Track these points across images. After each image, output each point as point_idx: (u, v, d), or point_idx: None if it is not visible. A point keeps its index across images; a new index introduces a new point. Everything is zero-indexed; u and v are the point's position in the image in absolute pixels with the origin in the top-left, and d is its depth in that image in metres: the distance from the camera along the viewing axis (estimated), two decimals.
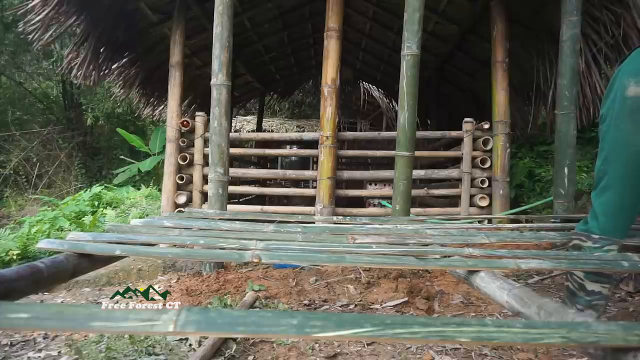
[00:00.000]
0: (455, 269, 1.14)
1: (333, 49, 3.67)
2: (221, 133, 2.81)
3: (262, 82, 7.70)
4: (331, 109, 3.71)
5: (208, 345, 1.59)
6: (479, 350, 1.62)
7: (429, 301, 2.13)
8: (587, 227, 1.44)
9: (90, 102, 9.67)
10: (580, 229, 1.46)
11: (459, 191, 3.94)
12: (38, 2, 3.64)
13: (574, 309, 1.32)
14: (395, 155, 2.76)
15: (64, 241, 1.15)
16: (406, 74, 2.65)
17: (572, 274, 1.48)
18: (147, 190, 6.56)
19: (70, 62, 4.30)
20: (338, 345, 1.70)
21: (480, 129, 3.90)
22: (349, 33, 6.02)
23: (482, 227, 2.55)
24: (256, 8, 5.19)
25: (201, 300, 2.29)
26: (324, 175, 3.75)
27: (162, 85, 5.06)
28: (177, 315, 0.54)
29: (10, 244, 3.40)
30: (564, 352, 1.57)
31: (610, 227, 1.40)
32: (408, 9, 2.62)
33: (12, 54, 9.49)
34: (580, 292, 1.45)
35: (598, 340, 0.53)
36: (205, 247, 1.25)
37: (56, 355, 1.74)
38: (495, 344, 1.46)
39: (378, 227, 1.85)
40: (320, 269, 2.75)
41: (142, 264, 3.10)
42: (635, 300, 2.16)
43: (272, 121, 10.31)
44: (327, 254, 1.16)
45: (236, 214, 2.55)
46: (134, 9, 4.23)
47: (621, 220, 1.42)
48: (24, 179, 8.71)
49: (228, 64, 2.79)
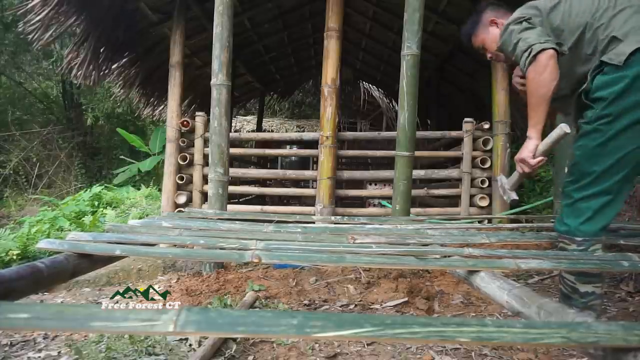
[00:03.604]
0: (455, 269, 1.15)
1: (333, 49, 3.67)
2: (221, 133, 2.81)
3: (262, 82, 7.70)
4: (331, 109, 3.71)
5: (208, 345, 1.59)
6: (479, 350, 1.62)
7: (429, 301, 2.13)
8: (569, 229, 1.39)
9: (90, 102, 9.67)
10: (562, 231, 1.42)
11: (459, 191, 3.94)
12: (38, 2, 3.63)
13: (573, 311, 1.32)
14: (395, 155, 2.76)
15: (64, 241, 1.15)
16: (406, 74, 2.65)
17: (564, 277, 1.47)
18: (147, 190, 6.56)
19: (70, 62, 4.30)
20: (338, 345, 1.70)
21: (480, 129, 3.91)
22: (349, 33, 6.02)
23: (482, 227, 2.55)
24: (256, 8, 5.19)
25: (201, 300, 2.29)
26: (324, 175, 3.75)
27: (162, 85, 5.06)
28: (177, 315, 0.54)
29: (10, 244, 3.40)
30: (564, 352, 1.57)
31: (598, 228, 1.38)
32: (408, 9, 2.63)
33: (12, 54, 9.49)
34: (575, 295, 1.44)
35: (598, 340, 0.53)
36: (205, 247, 1.25)
37: (56, 355, 1.74)
38: (495, 344, 1.46)
39: (378, 227, 1.84)
40: (320, 269, 2.75)
41: (142, 264, 3.10)
42: (635, 300, 2.16)
43: (272, 121, 10.31)
44: (327, 254, 1.16)
45: (236, 214, 2.55)
46: (134, 9, 4.23)
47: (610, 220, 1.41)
48: (24, 179, 8.71)
49: (228, 64, 2.79)
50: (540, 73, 1.34)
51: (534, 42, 1.35)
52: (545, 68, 1.33)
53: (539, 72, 1.34)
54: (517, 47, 1.40)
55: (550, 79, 1.34)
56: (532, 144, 1.43)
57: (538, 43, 1.34)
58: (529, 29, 1.40)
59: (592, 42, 1.39)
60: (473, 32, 1.72)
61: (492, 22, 1.66)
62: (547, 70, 1.33)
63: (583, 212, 1.38)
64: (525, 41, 1.38)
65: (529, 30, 1.40)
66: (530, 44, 1.35)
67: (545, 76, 1.34)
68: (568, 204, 1.42)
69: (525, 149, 1.45)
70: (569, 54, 1.41)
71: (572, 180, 1.41)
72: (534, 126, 1.42)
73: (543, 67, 1.33)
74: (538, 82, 1.35)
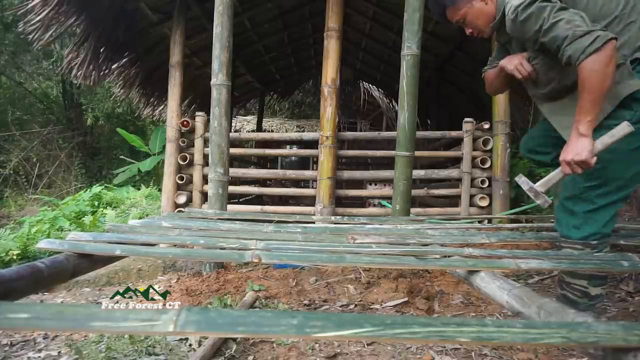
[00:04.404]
0: (455, 269, 1.15)
1: (333, 49, 3.67)
2: (221, 133, 2.81)
3: (262, 82, 7.69)
4: (331, 109, 3.71)
5: (208, 345, 1.59)
6: (479, 350, 1.62)
7: (429, 301, 2.13)
8: (586, 236, 1.36)
9: (90, 102, 9.67)
10: (579, 237, 1.37)
11: (459, 191, 3.94)
12: (38, 2, 3.63)
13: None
14: (395, 155, 2.76)
15: (64, 241, 1.15)
16: (406, 74, 2.65)
17: (570, 283, 1.44)
18: (147, 190, 6.56)
19: (70, 62, 4.29)
20: (338, 345, 1.70)
21: (480, 129, 3.91)
22: (349, 33, 6.01)
23: (482, 227, 2.55)
24: (256, 8, 5.19)
25: (201, 300, 2.29)
26: (324, 175, 3.75)
27: (162, 85, 5.06)
28: (177, 315, 0.54)
29: (10, 244, 3.40)
30: (564, 352, 1.57)
31: (611, 230, 1.39)
32: (408, 9, 2.62)
33: (12, 54, 9.48)
34: (584, 299, 1.42)
35: (598, 340, 0.53)
36: (205, 247, 1.25)
37: (56, 355, 1.74)
38: (496, 344, 1.46)
39: (378, 227, 1.85)
40: (320, 269, 2.75)
41: (142, 264, 3.10)
42: (635, 300, 2.16)
43: (272, 121, 10.31)
44: (327, 254, 1.16)
45: (236, 214, 2.55)
46: (134, 9, 4.23)
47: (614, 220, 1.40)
48: (24, 179, 8.70)
49: (228, 64, 2.79)
50: (607, 65, 1.21)
51: (591, 29, 1.22)
52: (611, 60, 1.22)
53: (606, 64, 1.21)
54: (557, 28, 1.26)
55: (613, 72, 1.23)
56: (590, 142, 1.26)
57: (597, 30, 1.21)
58: (564, 10, 1.27)
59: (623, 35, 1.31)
60: (451, 4, 1.54)
61: None
62: (612, 62, 1.22)
63: (604, 218, 1.35)
64: (573, 24, 1.24)
65: (565, 11, 1.26)
66: (588, 30, 1.21)
67: (611, 69, 1.22)
68: (589, 211, 1.36)
69: (584, 149, 1.25)
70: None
71: (595, 185, 1.34)
72: (590, 122, 1.26)
73: (609, 58, 1.21)
74: (605, 74, 1.21)
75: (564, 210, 1.44)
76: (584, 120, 1.26)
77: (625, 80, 1.28)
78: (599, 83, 1.22)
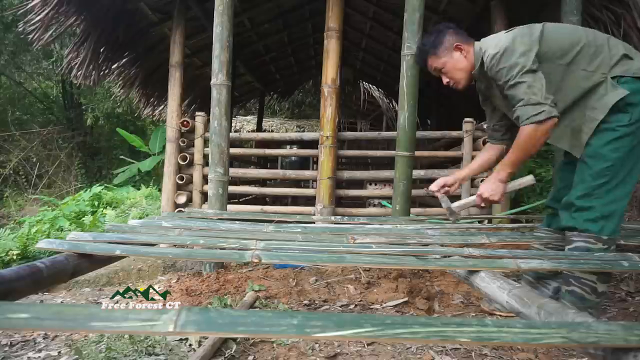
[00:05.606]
0: (455, 269, 1.15)
1: (333, 49, 3.67)
2: (221, 133, 2.81)
3: (262, 82, 7.69)
4: (331, 109, 3.71)
5: (208, 345, 1.59)
6: (479, 350, 1.62)
7: (429, 301, 2.13)
8: (600, 229, 1.42)
9: (90, 102, 9.67)
10: (593, 230, 1.43)
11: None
12: (38, 2, 3.63)
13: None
14: (395, 155, 2.76)
15: (64, 241, 1.15)
16: (406, 74, 2.65)
17: (581, 278, 1.46)
18: (147, 190, 6.56)
19: (70, 62, 4.30)
20: (338, 345, 1.70)
21: (481, 129, 3.90)
22: (349, 33, 6.01)
23: (482, 227, 2.55)
24: (256, 8, 5.19)
25: (201, 300, 2.29)
26: (324, 175, 3.75)
27: (162, 85, 5.06)
28: (177, 315, 0.54)
29: (10, 244, 3.40)
30: (564, 352, 1.57)
31: (618, 228, 1.46)
32: (408, 9, 2.62)
33: (12, 54, 9.48)
34: (592, 296, 1.44)
35: (598, 340, 0.53)
36: (205, 247, 1.25)
37: (56, 355, 1.74)
38: (496, 344, 1.46)
39: (378, 227, 1.85)
40: (320, 269, 2.75)
41: (142, 264, 3.10)
42: (635, 300, 2.16)
43: (272, 121, 10.31)
44: (327, 254, 1.16)
45: (236, 214, 2.55)
46: (133, 9, 4.23)
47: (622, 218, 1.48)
48: (23, 179, 8.70)
49: (228, 64, 2.79)
50: (541, 136, 1.43)
51: (542, 101, 1.39)
52: (546, 134, 1.43)
53: (541, 135, 1.43)
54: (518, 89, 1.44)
55: (542, 144, 1.48)
56: (504, 187, 1.62)
57: (548, 105, 1.39)
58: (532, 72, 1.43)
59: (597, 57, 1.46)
60: (433, 52, 1.70)
61: (457, 47, 1.66)
62: (546, 135, 1.44)
63: (615, 212, 1.44)
64: (532, 90, 1.41)
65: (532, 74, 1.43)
66: (539, 102, 1.39)
67: (543, 140, 1.46)
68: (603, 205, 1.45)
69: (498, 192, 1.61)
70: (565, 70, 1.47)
71: (603, 183, 1.43)
72: (510, 173, 1.59)
73: (545, 132, 1.42)
74: (537, 141, 1.45)
75: (579, 209, 1.49)
76: (506, 171, 1.59)
77: (610, 92, 1.43)
78: (529, 147, 1.47)
